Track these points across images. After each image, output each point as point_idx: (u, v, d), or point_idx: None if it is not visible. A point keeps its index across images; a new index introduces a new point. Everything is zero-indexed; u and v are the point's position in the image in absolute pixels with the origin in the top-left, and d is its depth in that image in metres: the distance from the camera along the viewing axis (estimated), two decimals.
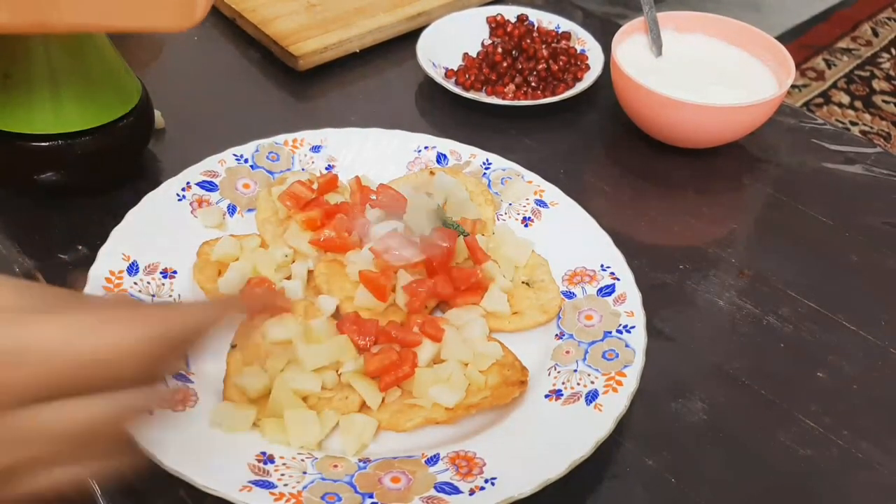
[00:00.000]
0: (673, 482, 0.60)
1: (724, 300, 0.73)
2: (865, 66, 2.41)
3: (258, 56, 0.98)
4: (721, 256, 0.78)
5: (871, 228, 0.81)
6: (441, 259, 0.67)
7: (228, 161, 0.76)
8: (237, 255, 0.69)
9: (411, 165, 0.79)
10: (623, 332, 0.64)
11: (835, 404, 0.66)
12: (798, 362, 0.69)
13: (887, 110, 2.25)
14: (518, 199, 0.76)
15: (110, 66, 0.73)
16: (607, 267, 0.69)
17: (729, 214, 0.83)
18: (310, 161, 0.78)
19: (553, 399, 0.61)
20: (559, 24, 1.00)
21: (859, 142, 0.92)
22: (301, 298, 0.67)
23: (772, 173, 0.87)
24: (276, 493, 0.53)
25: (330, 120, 0.82)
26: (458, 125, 0.90)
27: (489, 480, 0.55)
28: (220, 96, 0.92)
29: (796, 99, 2.27)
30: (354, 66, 0.97)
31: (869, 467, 0.62)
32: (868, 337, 0.71)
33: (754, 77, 0.88)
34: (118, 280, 0.65)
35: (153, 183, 0.73)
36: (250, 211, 0.74)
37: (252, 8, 1.00)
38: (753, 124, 0.84)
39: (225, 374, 0.62)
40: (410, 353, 0.62)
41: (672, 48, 0.91)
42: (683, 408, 0.65)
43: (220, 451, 0.56)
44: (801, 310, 0.73)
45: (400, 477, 0.55)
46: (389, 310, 0.67)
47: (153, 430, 0.55)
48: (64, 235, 0.74)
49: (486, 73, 0.93)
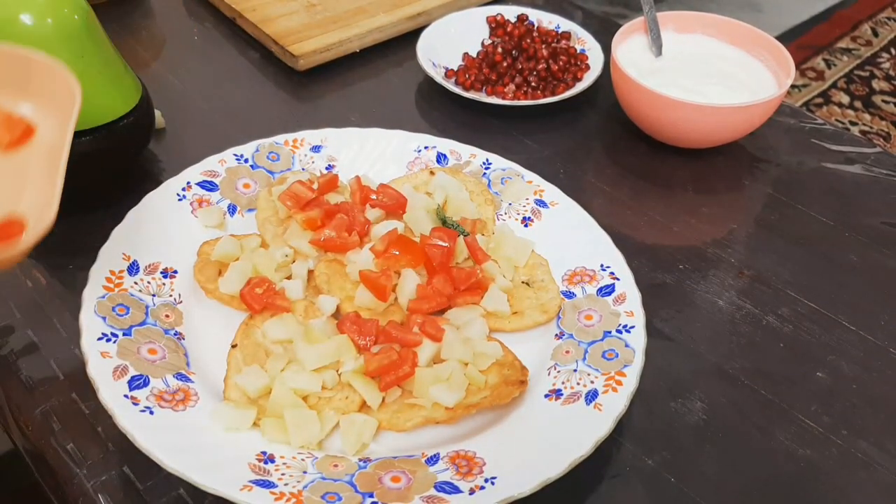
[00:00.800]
0: (673, 482, 0.60)
1: (724, 300, 0.73)
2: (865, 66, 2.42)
3: (258, 56, 0.98)
4: (721, 256, 0.78)
5: (871, 228, 0.81)
6: (441, 259, 0.67)
7: (228, 161, 0.76)
8: (237, 255, 0.69)
9: (411, 165, 0.79)
10: (623, 331, 0.64)
11: (834, 404, 0.66)
12: (798, 362, 0.69)
13: (887, 110, 2.26)
14: (518, 198, 0.76)
15: (110, 65, 0.73)
16: (607, 267, 0.69)
17: (729, 214, 0.83)
18: (310, 161, 0.78)
19: (553, 399, 0.61)
20: (559, 24, 1.00)
21: (859, 142, 0.92)
22: (301, 298, 0.67)
23: (772, 173, 0.87)
24: (276, 493, 0.53)
25: (330, 120, 0.83)
26: (458, 125, 0.90)
27: (489, 480, 0.55)
28: (220, 96, 0.92)
29: (796, 99, 2.28)
30: (354, 66, 0.97)
31: (868, 467, 0.62)
32: (868, 337, 0.71)
33: (754, 77, 0.88)
34: (118, 280, 0.65)
35: (153, 183, 0.73)
36: (250, 211, 0.74)
37: (252, 7, 1.00)
38: (753, 124, 0.84)
39: (225, 374, 0.62)
40: (410, 352, 0.62)
41: (672, 48, 0.91)
42: (683, 407, 0.65)
43: (221, 450, 0.56)
44: (800, 310, 0.73)
45: (400, 476, 0.56)
46: (389, 310, 0.67)
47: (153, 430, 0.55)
48: (64, 235, 0.74)
49: (486, 73, 0.93)
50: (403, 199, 0.73)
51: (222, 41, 1.00)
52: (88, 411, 0.61)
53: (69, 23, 0.69)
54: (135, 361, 0.59)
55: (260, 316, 0.65)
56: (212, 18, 1.03)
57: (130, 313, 0.63)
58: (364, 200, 0.73)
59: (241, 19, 1.00)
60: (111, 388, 0.57)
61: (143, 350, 0.61)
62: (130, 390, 0.57)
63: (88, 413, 0.61)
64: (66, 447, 0.59)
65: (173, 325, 0.64)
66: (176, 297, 0.66)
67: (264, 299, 0.65)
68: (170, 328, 0.64)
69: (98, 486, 0.57)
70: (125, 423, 0.55)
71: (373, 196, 0.73)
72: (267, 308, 0.65)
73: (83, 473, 0.58)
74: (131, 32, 1.01)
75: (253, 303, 0.65)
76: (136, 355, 0.60)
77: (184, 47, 1.00)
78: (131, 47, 0.97)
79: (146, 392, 0.58)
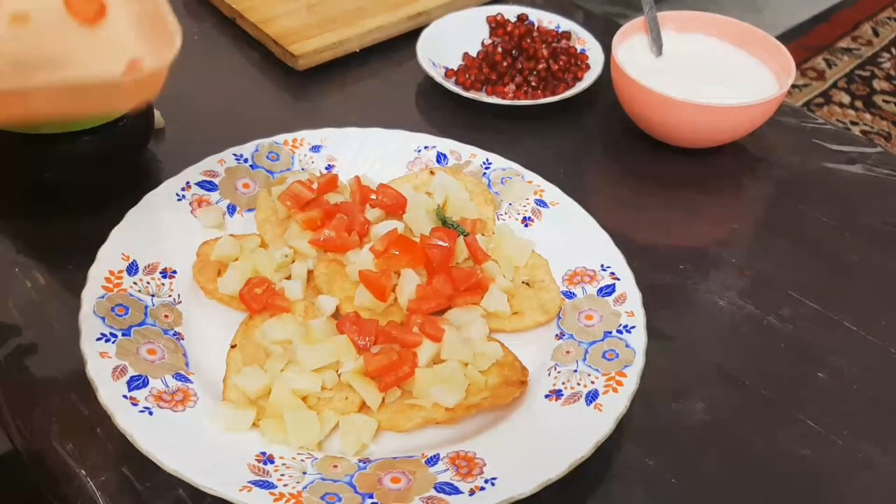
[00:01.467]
0: (673, 482, 0.60)
1: (725, 300, 0.73)
2: (866, 66, 2.41)
3: (258, 56, 0.98)
4: (721, 256, 0.77)
5: (872, 228, 0.81)
6: (441, 259, 0.67)
7: (228, 161, 0.76)
8: (237, 255, 0.69)
9: (411, 165, 0.79)
10: (623, 332, 0.64)
11: (835, 404, 0.66)
12: (798, 362, 0.69)
13: (888, 110, 2.25)
14: (518, 198, 0.76)
15: None
16: (607, 267, 0.69)
17: (729, 214, 0.83)
18: (310, 161, 0.78)
19: (553, 399, 0.61)
20: (559, 24, 1.00)
21: (860, 142, 0.92)
22: (301, 299, 0.67)
23: (772, 173, 0.87)
24: (275, 494, 0.53)
25: (330, 120, 0.82)
26: (458, 125, 0.90)
27: (489, 480, 0.55)
28: (220, 96, 0.92)
29: (797, 99, 2.27)
30: (354, 66, 0.97)
31: (869, 467, 0.62)
32: (868, 337, 0.71)
33: (754, 77, 0.88)
34: (118, 280, 0.65)
35: (153, 183, 0.73)
36: (250, 211, 0.74)
37: (252, 7, 1.00)
38: (753, 124, 0.84)
39: (224, 374, 0.62)
40: (410, 353, 0.62)
41: (672, 48, 0.91)
42: (684, 408, 0.65)
43: (220, 451, 0.56)
44: (801, 310, 0.73)
45: (400, 477, 0.55)
46: (389, 310, 0.67)
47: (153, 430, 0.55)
48: (64, 235, 0.74)
49: (486, 72, 0.92)
50: (403, 199, 0.73)
51: (222, 41, 1.00)
52: (88, 412, 0.61)
53: None
54: (134, 362, 0.59)
55: (259, 316, 0.65)
56: (212, 18, 1.03)
57: (130, 313, 0.63)
58: (364, 200, 0.73)
59: (241, 19, 1.00)
60: (110, 389, 0.57)
61: (142, 350, 0.61)
62: (130, 391, 0.57)
63: (88, 413, 0.61)
64: (65, 448, 0.59)
65: (172, 325, 0.64)
66: (175, 298, 0.66)
67: (264, 299, 0.65)
68: (169, 328, 0.64)
69: (97, 486, 0.57)
70: (124, 424, 0.55)
71: (373, 196, 0.73)
72: (266, 308, 0.65)
73: (82, 474, 0.58)
74: None
75: (252, 303, 0.65)
76: (136, 356, 0.60)
77: (184, 47, 0.99)
78: None
79: (145, 392, 0.58)
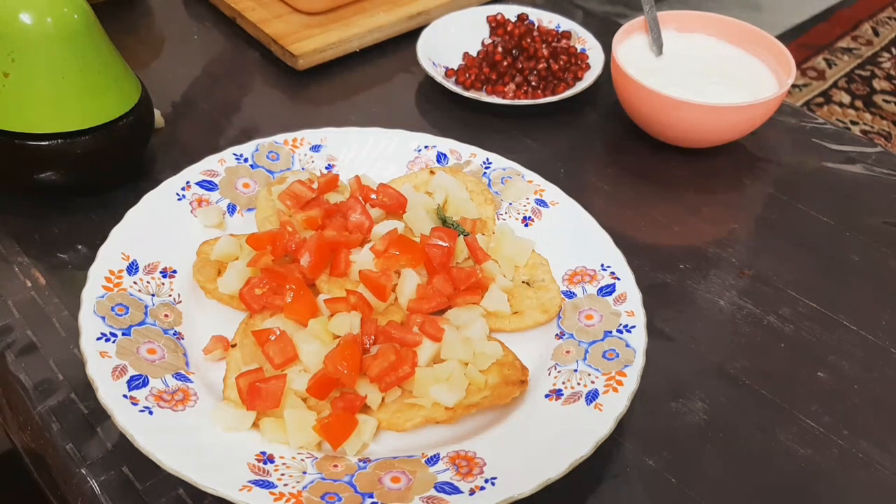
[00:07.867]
0: (673, 482, 0.60)
1: (725, 300, 0.73)
2: (866, 66, 2.41)
3: (258, 56, 0.98)
4: (721, 256, 0.77)
5: (872, 228, 0.81)
6: (441, 259, 0.67)
7: (228, 160, 0.76)
8: (237, 255, 0.69)
9: (411, 165, 0.79)
10: (623, 331, 0.64)
11: (835, 404, 0.66)
12: (798, 362, 0.69)
13: (888, 110, 2.25)
14: (518, 198, 0.76)
15: (110, 65, 0.73)
16: (607, 267, 0.69)
17: (729, 214, 0.83)
18: (310, 160, 0.78)
19: (553, 399, 0.61)
20: (559, 24, 1.00)
21: (860, 141, 0.92)
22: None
23: (772, 173, 0.87)
24: (276, 493, 0.53)
25: (330, 120, 0.82)
26: (458, 125, 0.90)
27: (489, 480, 0.55)
28: (219, 96, 0.92)
29: (797, 98, 2.27)
30: (354, 66, 0.97)
31: (869, 467, 0.62)
32: (868, 337, 0.71)
33: (754, 77, 0.88)
34: (118, 279, 0.65)
35: (153, 182, 0.73)
36: (250, 210, 0.74)
37: (252, 7, 1.00)
38: (753, 124, 0.84)
39: (225, 373, 0.62)
40: (410, 352, 0.62)
41: (672, 48, 0.91)
42: (684, 408, 0.65)
43: (220, 450, 0.56)
44: (801, 309, 0.73)
45: (400, 477, 0.55)
46: (389, 310, 0.67)
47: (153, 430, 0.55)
48: (64, 235, 0.74)
49: (486, 72, 0.92)
50: (403, 199, 0.73)
51: (222, 41, 1.00)
52: (88, 411, 0.61)
53: (69, 22, 0.69)
54: (134, 361, 0.59)
55: (259, 316, 0.65)
56: (212, 18, 1.03)
57: (130, 313, 0.63)
58: (364, 200, 0.73)
59: (241, 19, 1.00)
60: (110, 388, 0.57)
61: (142, 350, 0.61)
62: (130, 390, 0.57)
63: (88, 413, 0.61)
64: (65, 447, 0.59)
65: (172, 324, 0.64)
66: (175, 297, 0.66)
67: (263, 299, 0.65)
68: (169, 328, 0.64)
69: (97, 486, 0.57)
70: (124, 423, 0.55)
71: (373, 196, 0.73)
72: (266, 308, 0.65)
73: (82, 473, 0.58)
74: (131, 32, 1.01)
75: (252, 303, 0.65)
76: (136, 355, 0.60)
77: (184, 47, 0.99)
78: (131, 47, 0.97)
79: (145, 392, 0.58)
